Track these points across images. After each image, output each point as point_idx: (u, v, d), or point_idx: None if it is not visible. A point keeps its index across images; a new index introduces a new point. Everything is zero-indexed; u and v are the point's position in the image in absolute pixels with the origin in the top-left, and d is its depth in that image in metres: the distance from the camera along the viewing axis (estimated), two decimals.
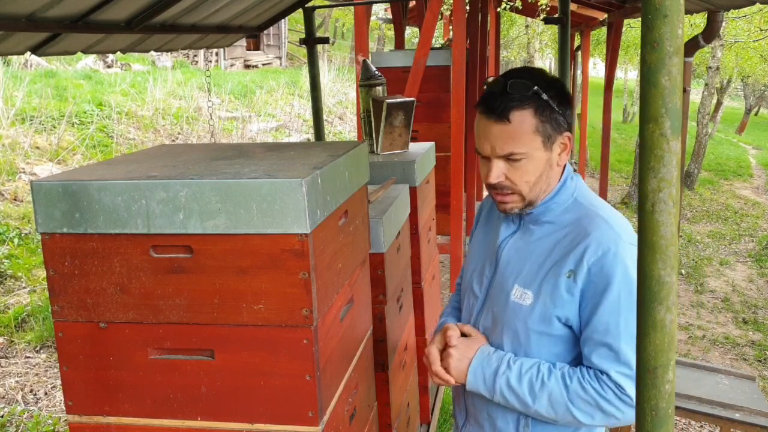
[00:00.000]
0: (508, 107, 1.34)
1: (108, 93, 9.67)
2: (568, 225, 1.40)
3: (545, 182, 1.40)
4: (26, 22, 2.00)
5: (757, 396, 3.08)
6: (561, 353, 1.40)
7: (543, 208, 1.43)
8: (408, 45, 12.50)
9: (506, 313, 1.42)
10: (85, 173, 1.34)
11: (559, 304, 1.35)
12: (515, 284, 1.41)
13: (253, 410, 1.32)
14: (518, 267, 1.43)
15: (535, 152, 1.36)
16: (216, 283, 1.27)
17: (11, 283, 5.07)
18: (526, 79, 1.36)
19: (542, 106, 1.34)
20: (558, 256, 1.37)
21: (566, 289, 1.34)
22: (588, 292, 1.33)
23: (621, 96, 24.12)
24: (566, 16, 3.16)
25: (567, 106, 1.39)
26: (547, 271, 1.37)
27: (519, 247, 1.45)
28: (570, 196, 1.43)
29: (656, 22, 0.77)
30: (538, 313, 1.37)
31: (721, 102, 16.54)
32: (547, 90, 1.35)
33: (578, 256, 1.33)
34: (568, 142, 1.40)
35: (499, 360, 1.41)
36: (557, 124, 1.37)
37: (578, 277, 1.33)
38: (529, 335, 1.39)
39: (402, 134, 2.68)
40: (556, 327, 1.37)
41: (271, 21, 3.49)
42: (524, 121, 1.34)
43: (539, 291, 1.38)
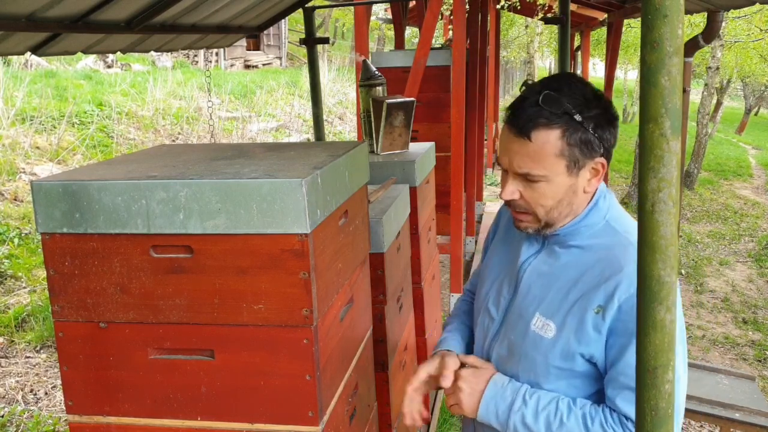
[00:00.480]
0: (532, 124, 1.21)
1: (108, 93, 9.67)
2: (599, 252, 1.26)
3: (567, 207, 1.27)
4: (26, 22, 2.00)
5: (756, 396, 3.08)
6: (581, 387, 1.28)
7: (570, 229, 1.29)
8: (408, 45, 12.50)
9: (524, 344, 1.30)
10: (85, 173, 1.34)
11: (584, 342, 1.23)
12: (536, 312, 1.29)
13: (253, 410, 1.32)
14: (541, 293, 1.30)
15: (556, 177, 1.23)
16: (216, 283, 1.27)
17: (11, 283, 5.07)
18: (562, 92, 1.21)
19: (573, 127, 1.20)
20: (586, 287, 1.24)
21: (593, 326, 1.22)
22: (617, 331, 1.21)
23: (621, 96, 24.13)
24: (566, 16, 3.16)
25: (607, 127, 1.23)
26: (573, 303, 1.25)
27: (542, 271, 1.32)
28: (602, 218, 1.29)
29: (656, 22, 0.77)
30: (561, 349, 1.25)
31: (721, 102, 16.54)
32: (584, 109, 1.20)
33: (609, 292, 1.20)
34: (601, 169, 1.25)
35: (514, 393, 1.29)
36: (589, 149, 1.22)
37: (607, 314, 1.20)
38: (549, 370, 1.28)
39: (402, 134, 2.68)
40: (578, 363, 1.25)
41: (271, 21, 3.49)
42: (548, 141, 1.20)
43: (563, 324, 1.25)
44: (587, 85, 1.25)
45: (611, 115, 1.25)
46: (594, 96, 1.23)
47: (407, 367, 2.41)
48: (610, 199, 1.33)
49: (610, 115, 1.25)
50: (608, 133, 1.24)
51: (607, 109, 1.24)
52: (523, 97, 1.24)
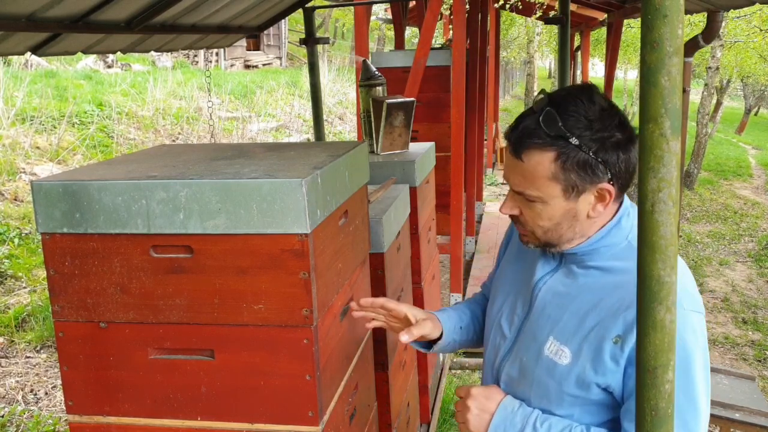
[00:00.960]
0: (524, 144, 1.15)
1: (108, 93, 9.68)
2: (619, 276, 1.17)
3: (568, 231, 1.20)
4: (26, 22, 2.00)
5: (756, 396, 3.08)
6: (597, 413, 1.21)
7: (589, 249, 1.21)
8: (408, 45, 12.50)
9: (537, 368, 1.24)
10: (86, 173, 1.34)
11: (600, 372, 1.16)
12: (550, 336, 1.22)
13: (253, 410, 1.32)
14: (556, 315, 1.23)
15: (551, 200, 1.16)
16: (216, 283, 1.27)
17: (11, 283, 5.07)
18: (565, 111, 1.13)
19: (569, 151, 1.12)
20: (604, 314, 1.16)
21: (611, 356, 1.14)
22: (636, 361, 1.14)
23: (621, 96, 24.13)
24: (566, 16, 3.16)
25: (615, 151, 1.13)
26: (590, 329, 1.17)
27: (558, 291, 1.24)
28: (624, 238, 1.20)
29: (656, 22, 0.77)
30: (576, 377, 1.18)
31: (720, 102, 16.54)
32: (585, 131, 1.12)
33: (629, 322, 1.12)
34: (608, 195, 1.16)
35: (524, 420, 1.23)
36: (590, 174, 1.13)
37: (626, 344, 1.13)
38: (563, 397, 1.21)
39: (402, 134, 2.68)
40: (594, 392, 1.18)
41: (271, 21, 3.49)
42: (540, 163, 1.14)
43: (579, 352, 1.18)
44: (596, 103, 1.14)
45: (624, 136, 1.14)
46: (601, 116, 1.13)
47: (407, 367, 2.41)
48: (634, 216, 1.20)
49: (623, 137, 1.14)
50: (616, 157, 1.14)
51: (619, 131, 1.14)
52: (525, 113, 1.19)
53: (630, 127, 1.16)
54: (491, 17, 8.74)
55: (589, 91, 1.17)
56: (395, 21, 6.46)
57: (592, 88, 1.18)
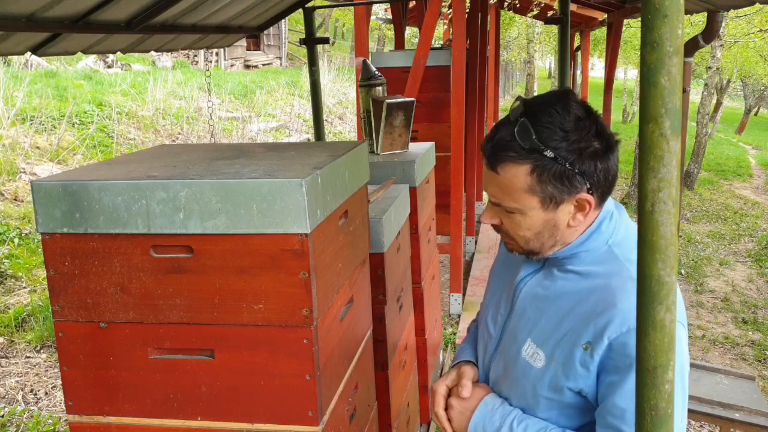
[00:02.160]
0: (499, 158, 1.14)
1: (108, 93, 9.68)
2: (596, 280, 1.17)
3: (549, 240, 1.20)
4: (26, 22, 2.00)
5: (756, 396, 3.08)
6: (574, 416, 1.22)
7: (569, 253, 1.21)
8: (408, 45, 12.50)
9: (515, 369, 1.25)
10: (86, 173, 1.34)
11: (572, 377, 1.16)
12: (528, 338, 1.24)
13: (253, 410, 1.32)
14: (534, 318, 1.24)
15: (530, 211, 1.16)
16: (216, 283, 1.27)
17: (11, 283, 5.07)
18: (540, 122, 1.11)
19: (545, 163, 1.10)
20: (577, 320, 1.16)
21: (581, 362, 1.15)
22: (607, 369, 1.13)
23: (621, 96, 24.14)
24: (566, 16, 3.16)
25: (592, 161, 1.11)
26: (564, 335, 1.18)
27: (537, 293, 1.25)
28: (604, 243, 1.19)
29: (656, 22, 0.77)
30: (549, 380, 1.20)
31: (720, 102, 16.54)
32: (561, 143, 1.10)
33: (599, 329, 1.12)
34: (586, 205, 1.15)
35: (502, 419, 1.25)
36: (567, 186, 1.12)
37: (596, 351, 1.13)
38: (538, 399, 1.22)
39: (402, 134, 2.68)
40: (567, 396, 1.19)
41: (271, 21, 3.49)
42: (516, 176, 1.13)
43: (552, 356, 1.19)
44: (571, 113, 1.12)
45: (602, 146, 1.13)
46: (577, 126, 1.11)
47: (407, 367, 2.41)
48: (619, 220, 1.22)
49: (600, 146, 1.12)
50: (594, 167, 1.12)
51: (597, 140, 1.12)
52: (501, 123, 1.17)
53: (608, 134, 1.15)
54: (491, 17, 8.74)
55: (565, 99, 1.14)
56: (395, 21, 6.46)
57: (568, 95, 1.16)
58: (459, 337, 4.52)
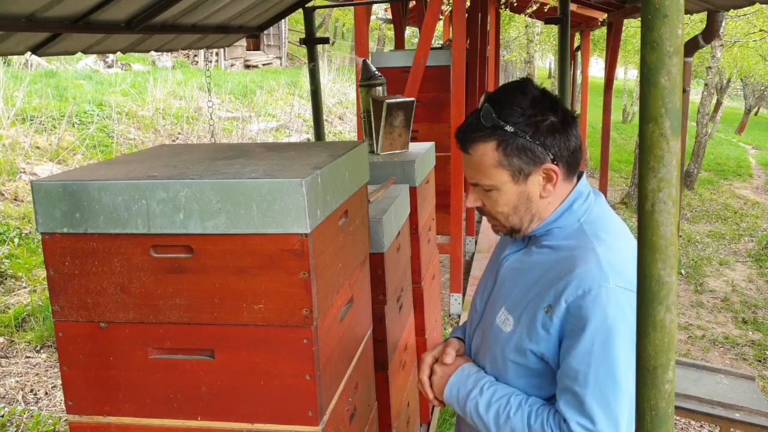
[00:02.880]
0: (469, 139, 1.28)
1: (108, 93, 9.68)
2: (563, 252, 1.28)
3: (526, 214, 1.31)
4: (26, 22, 2.00)
5: (756, 396, 3.08)
6: (540, 385, 1.30)
7: (543, 230, 1.32)
8: (408, 45, 12.50)
9: (490, 336, 1.35)
10: (86, 173, 1.34)
11: (534, 339, 1.25)
12: (503, 307, 1.34)
13: (253, 410, 1.32)
14: (510, 288, 1.35)
15: (503, 186, 1.27)
16: (216, 283, 1.27)
17: (11, 283, 5.07)
18: (500, 104, 1.25)
19: (507, 138, 1.24)
20: (542, 287, 1.27)
21: (542, 325, 1.24)
22: (565, 332, 1.22)
23: (621, 96, 24.13)
24: (566, 16, 3.16)
25: (551, 134, 1.25)
26: (530, 300, 1.28)
27: (516, 267, 1.36)
28: (576, 221, 1.30)
29: (656, 22, 0.77)
30: (514, 344, 1.29)
31: (720, 102, 16.54)
32: (519, 118, 1.24)
33: (558, 292, 1.22)
34: (554, 175, 1.27)
35: (474, 382, 1.35)
36: (531, 157, 1.25)
37: (555, 314, 1.22)
38: (507, 363, 1.31)
39: (402, 134, 2.68)
40: (531, 360, 1.28)
41: (271, 21, 3.49)
42: (485, 154, 1.26)
43: (519, 320, 1.29)
44: (527, 94, 1.26)
45: (560, 120, 1.25)
46: (533, 103, 1.25)
47: (407, 367, 2.41)
48: (593, 203, 1.32)
49: (557, 119, 1.25)
50: (554, 139, 1.25)
51: (554, 115, 1.25)
52: (472, 111, 1.31)
53: (564, 110, 1.28)
54: (491, 17, 8.74)
55: (523, 84, 1.30)
56: (395, 21, 6.46)
57: (526, 81, 1.31)
58: None
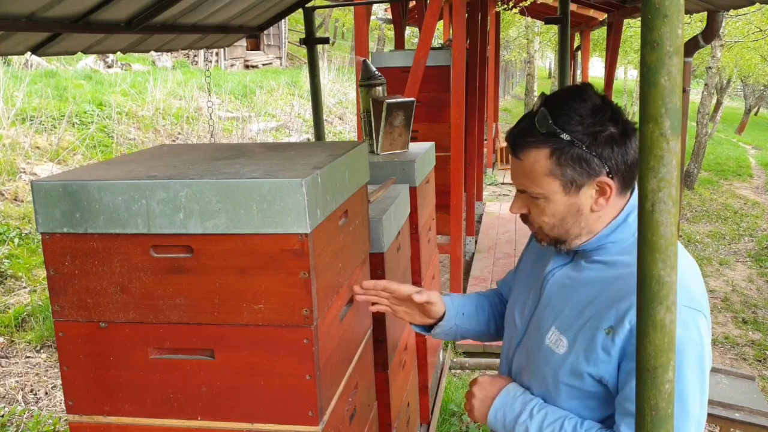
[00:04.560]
0: (521, 144, 1.21)
1: (108, 93, 9.67)
2: (620, 269, 1.19)
3: (574, 227, 1.23)
4: (26, 22, 2.00)
5: (756, 396, 3.08)
6: (597, 408, 1.23)
7: (596, 244, 1.24)
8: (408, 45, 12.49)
9: (538, 357, 1.27)
10: (86, 173, 1.34)
11: (592, 362, 1.18)
12: (553, 326, 1.26)
13: (253, 410, 1.32)
14: (559, 306, 1.26)
15: (553, 195, 1.20)
16: (216, 283, 1.27)
17: (11, 282, 5.07)
18: (558, 109, 1.18)
19: (563, 147, 1.16)
20: (600, 306, 1.18)
21: (602, 347, 1.16)
22: (628, 354, 1.14)
23: (621, 96, 24.13)
24: (566, 16, 3.16)
25: (609, 145, 1.17)
26: (587, 320, 1.20)
27: (564, 283, 1.28)
28: (631, 235, 1.22)
29: (656, 22, 0.77)
30: (570, 366, 1.21)
31: (720, 102, 16.53)
32: (577, 127, 1.16)
33: (621, 314, 1.14)
34: (607, 189, 1.19)
35: (522, 405, 1.27)
36: (585, 168, 1.17)
37: (617, 336, 1.14)
38: (559, 386, 1.24)
39: (402, 134, 2.68)
40: (588, 384, 1.20)
41: (271, 21, 3.49)
42: (537, 161, 1.19)
43: (574, 341, 1.21)
44: (587, 101, 1.19)
45: (618, 130, 1.18)
46: (593, 112, 1.17)
47: (407, 367, 2.41)
48: None
49: (616, 131, 1.18)
50: (611, 150, 1.17)
51: (614, 125, 1.18)
52: (524, 115, 1.25)
53: (624, 120, 1.20)
54: (491, 17, 8.74)
55: (583, 90, 1.22)
56: (395, 21, 6.46)
57: (586, 87, 1.23)
58: None
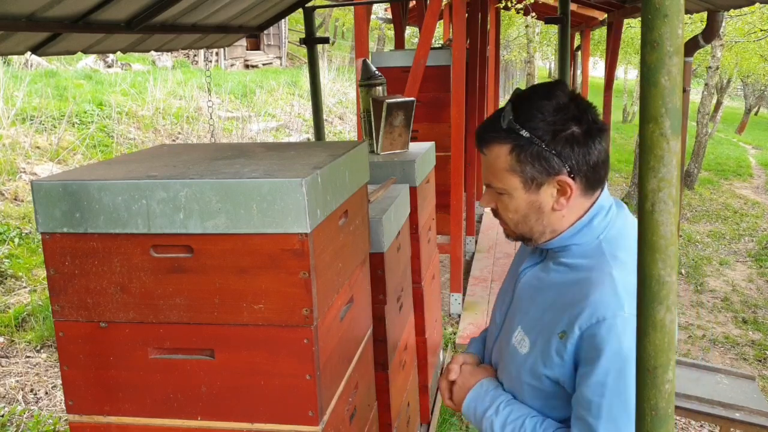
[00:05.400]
0: (483, 138, 1.22)
1: (108, 93, 9.68)
2: (580, 273, 1.21)
3: (537, 225, 1.23)
4: (26, 22, 2.00)
5: (756, 396, 3.08)
6: (557, 407, 1.25)
7: (561, 245, 1.25)
8: (408, 45, 12.49)
9: (506, 354, 1.32)
10: (86, 173, 1.34)
11: (548, 365, 1.20)
12: (519, 326, 1.29)
13: (253, 410, 1.32)
14: (526, 307, 1.29)
15: (514, 191, 1.21)
16: (216, 283, 1.27)
17: (12, 282, 5.07)
18: (522, 107, 1.18)
19: (523, 144, 1.16)
20: (556, 310, 1.21)
21: (556, 351, 1.19)
22: (580, 359, 1.17)
23: (621, 96, 24.13)
24: (566, 16, 3.16)
25: (570, 144, 1.15)
26: (546, 324, 1.22)
27: (533, 284, 1.30)
28: (595, 238, 1.22)
29: (656, 22, 0.77)
30: (529, 367, 1.24)
31: (721, 102, 16.54)
32: (538, 124, 1.15)
33: (572, 318, 1.16)
34: (568, 188, 1.18)
35: (492, 400, 1.31)
36: (545, 166, 1.16)
37: (569, 341, 1.17)
38: (522, 386, 1.27)
39: (402, 134, 2.68)
40: (546, 384, 1.23)
41: (271, 21, 3.49)
42: (499, 157, 1.20)
43: (535, 343, 1.24)
44: (552, 99, 1.17)
45: (583, 131, 1.16)
46: (556, 110, 1.16)
47: (407, 366, 2.41)
48: (614, 217, 1.24)
49: (579, 131, 1.16)
50: (571, 149, 1.15)
51: (578, 125, 1.16)
52: (497, 110, 1.25)
53: (591, 120, 1.18)
54: (491, 17, 8.74)
55: (551, 87, 1.20)
56: (395, 21, 6.46)
57: (555, 84, 1.21)
58: (459, 336, 4.52)
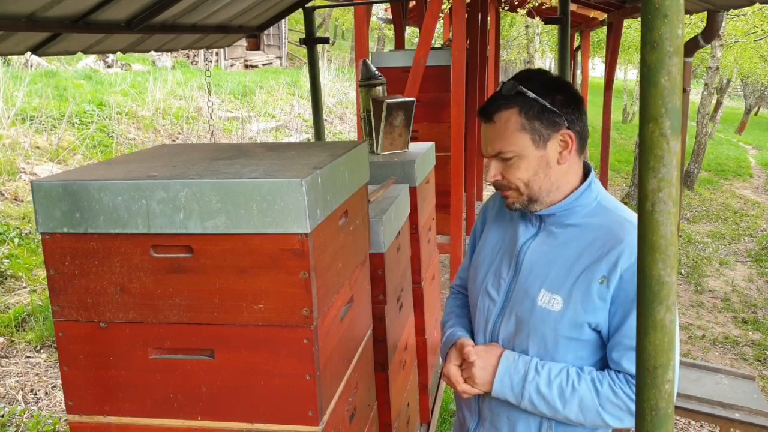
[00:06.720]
0: (493, 108, 1.38)
1: (108, 93, 9.68)
2: (595, 230, 1.37)
3: (546, 181, 1.39)
4: (26, 22, 2.00)
5: (756, 396, 3.08)
6: (586, 357, 1.39)
7: (565, 209, 1.41)
8: (408, 45, 12.50)
9: (532, 319, 1.40)
10: (86, 173, 1.34)
11: (590, 310, 1.34)
12: (542, 288, 1.39)
13: (253, 410, 1.32)
14: (544, 271, 1.40)
15: (524, 150, 1.36)
16: (216, 283, 1.27)
17: (11, 282, 5.07)
18: (521, 79, 1.38)
19: (529, 104, 1.35)
20: (588, 261, 1.35)
21: (598, 296, 1.33)
22: (620, 298, 1.32)
23: (621, 96, 24.13)
24: (566, 16, 3.16)
25: (567, 103, 1.36)
26: (578, 276, 1.35)
27: (543, 250, 1.42)
28: (593, 199, 1.41)
29: (656, 22, 0.77)
30: (569, 319, 1.35)
31: (721, 102, 16.53)
32: (539, 89, 1.35)
33: (612, 263, 1.32)
34: (569, 140, 1.37)
35: (526, 365, 1.39)
36: (550, 122, 1.35)
37: (611, 283, 1.32)
38: (558, 341, 1.38)
39: (402, 134, 2.68)
40: (586, 332, 1.36)
41: (271, 21, 3.49)
42: (509, 119, 1.36)
43: (569, 296, 1.36)
44: (547, 74, 1.41)
45: (569, 93, 1.38)
46: (552, 78, 1.39)
47: (407, 366, 2.41)
48: (599, 184, 1.46)
49: (568, 94, 1.38)
50: (570, 108, 1.36)
51: (564, 89, 1.38)
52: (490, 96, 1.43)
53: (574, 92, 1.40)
54: (491, 17, 8.74)
55: (538, 71, 1.43)
56: (395, 21, 6.46)
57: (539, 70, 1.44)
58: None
